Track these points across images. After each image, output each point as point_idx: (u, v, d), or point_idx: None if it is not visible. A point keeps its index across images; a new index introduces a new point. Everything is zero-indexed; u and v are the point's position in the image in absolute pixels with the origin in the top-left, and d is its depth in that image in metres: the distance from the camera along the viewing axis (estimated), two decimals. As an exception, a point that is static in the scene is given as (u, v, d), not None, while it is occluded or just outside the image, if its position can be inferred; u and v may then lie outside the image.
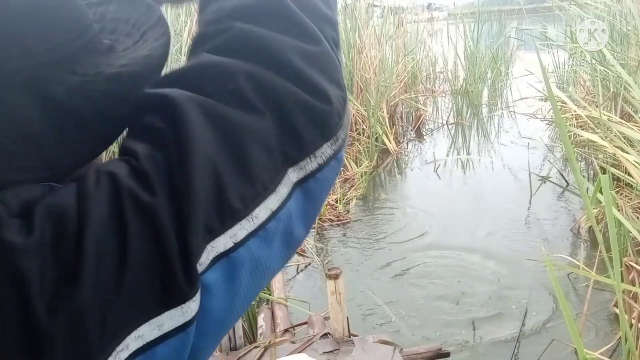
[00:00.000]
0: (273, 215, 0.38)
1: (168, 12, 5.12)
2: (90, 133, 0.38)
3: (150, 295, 0.32)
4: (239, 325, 2.08)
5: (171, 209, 0.33)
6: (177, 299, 0.33)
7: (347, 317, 2.08)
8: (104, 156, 0.45)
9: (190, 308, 0.33)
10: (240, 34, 0.41)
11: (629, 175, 2.29)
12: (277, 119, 0.39)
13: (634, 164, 2.17)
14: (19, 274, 0.29)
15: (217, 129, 0.36)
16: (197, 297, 0.33)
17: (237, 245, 0.36)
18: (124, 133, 0.40)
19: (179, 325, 0.33)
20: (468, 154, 5.80)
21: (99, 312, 0.30)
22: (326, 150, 0.41)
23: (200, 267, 0.34)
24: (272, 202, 0.38)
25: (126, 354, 0.31)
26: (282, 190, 0.38)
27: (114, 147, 0.43)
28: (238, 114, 0.37)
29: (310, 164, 0.40)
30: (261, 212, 0.37)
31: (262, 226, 0.37)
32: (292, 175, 0.39)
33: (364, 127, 5.62)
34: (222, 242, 0.35)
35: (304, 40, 0.42)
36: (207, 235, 0.34)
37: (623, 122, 3.00)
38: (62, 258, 0.30)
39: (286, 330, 2.26)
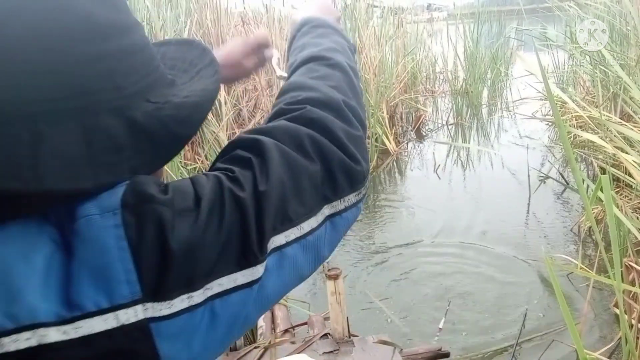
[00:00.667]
0: (312, 231, 0.53)
1: (168, 14, 5.13)
2: (159, 148, 0.50)
3: (233, 256, 0.47)
4: (239, 326, 2.08)
5: (254, 204, 0.48)
6: (250, 262, 0.47)
7: (347, 317, 2.08)
8: (164, 170, 0.58)
9: (258, 271, 0.48)
10: (308, 112, 0.58)
11: (629, 175, 2.29)
12: (324, 168, 0.55)
13: (633, 164, 2.16)
14: (158, 216, 0.44)
15: (286, 163, 0.52)
16: (263, 264, 0.48)
17: (287, 244, 0.51)
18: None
19: (248, 281, 0.48)
20: (468, 154, 5.80)
21: (203, 253, 0.45)
22: (352, 198, 0.58)
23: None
24: (312, 222, 0.54)
25: (210, 292, 0.46)
26: (319, 217, 0.54)
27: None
28: (300, 158, 0.54)
29: (339, 205, 0.57)
30: (305, 226, 0.53)
31: (304, 236, 0.53)
32: (326, 210, 0.55)
33: (364, 127, 5.60)
34: (279, 239, 0.50)
35: (349, 126, 0.60)
36: (272, 230, 0.50)
37: (623, 122, 2.99)
38: (185, 214, 0.45)
39: (286, 331, 2.26)
